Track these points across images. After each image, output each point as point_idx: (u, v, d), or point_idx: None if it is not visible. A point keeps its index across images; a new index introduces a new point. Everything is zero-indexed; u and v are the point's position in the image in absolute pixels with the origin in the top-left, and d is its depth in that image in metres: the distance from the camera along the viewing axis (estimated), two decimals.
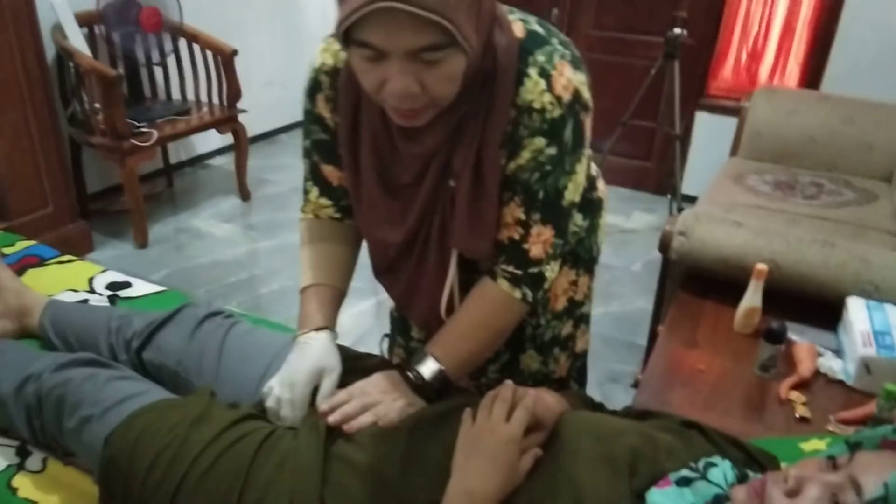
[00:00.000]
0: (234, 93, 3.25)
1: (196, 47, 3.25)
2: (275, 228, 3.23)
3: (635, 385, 1.46)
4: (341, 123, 1.00)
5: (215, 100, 3.33)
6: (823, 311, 1.57)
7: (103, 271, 1.63)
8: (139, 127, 2.88)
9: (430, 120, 0.88)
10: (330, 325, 1.05)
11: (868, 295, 1.52)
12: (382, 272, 1.13)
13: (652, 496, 0.75)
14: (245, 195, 3.49)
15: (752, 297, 1.51)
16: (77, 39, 2.82)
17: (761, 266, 1.49)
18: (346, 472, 0.88)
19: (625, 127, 3.29)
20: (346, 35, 0.78)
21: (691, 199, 3.21)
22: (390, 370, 1.02)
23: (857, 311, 1.45)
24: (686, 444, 0.86)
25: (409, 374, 0.99)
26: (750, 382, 1.40)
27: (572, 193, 0.96)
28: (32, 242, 1.74)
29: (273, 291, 2.73)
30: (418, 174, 0.97)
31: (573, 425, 0.89)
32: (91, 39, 2.98)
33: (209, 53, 3.23)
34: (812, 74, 3.24)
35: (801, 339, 1.49)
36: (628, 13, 3.56)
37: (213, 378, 1.11)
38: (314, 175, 1.10)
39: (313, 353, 1.00)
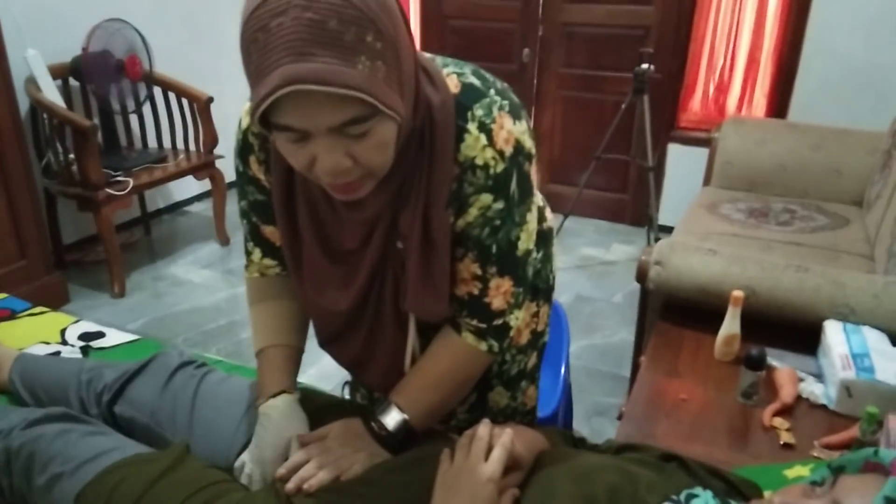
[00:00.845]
0: (211, 139, 3.26)
1: (171, 95, 3.27)
2: None
3: (620, 417, 1.45)
4: (274, 189, 0.96)
5: (192, 146, 3.33)
6: (802, 335, 1.58)
7: (76, 322, 1.60)
8: (115, 176, 2.87)
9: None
10: (287, 388, 1.03)
11: (844, 318, 1.53)
12: (329, 341, 1.09)
13: None
14: (224, 240, 3.47)
15: (731, 324, 1.52)
16: (51, 91, 2.83)
17: (737, 293, 1.50)
18: None
19: (599, 161, 3.34)
20: (264, 119, 0.74)
21: (668, 230, 3.24)
22: (352, 418, 1.00)
23: (834, 334, 1.46)
24: (666, 478, 0.85)
25: (373, 424, 0.97)
26: (733, 410, 1.39)
27: (525, 242, 0.95)
28: (3, 295, 1.71)
29: None
30: (364, 239, 0.94)
31: (550, 465, 0.87)
32: (65, 91, 2.98)
33: (185, 101, 3.25)
34: (778, 104, 3.32)
35: (782, 364, 1.49)
36: (597, 51, 3.64)
37: (186, 431, 1.08)
38: (255, 236, 1.07)
39: (276, 425, 0.98)
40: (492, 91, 0.87)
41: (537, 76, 3.82)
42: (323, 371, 2.40)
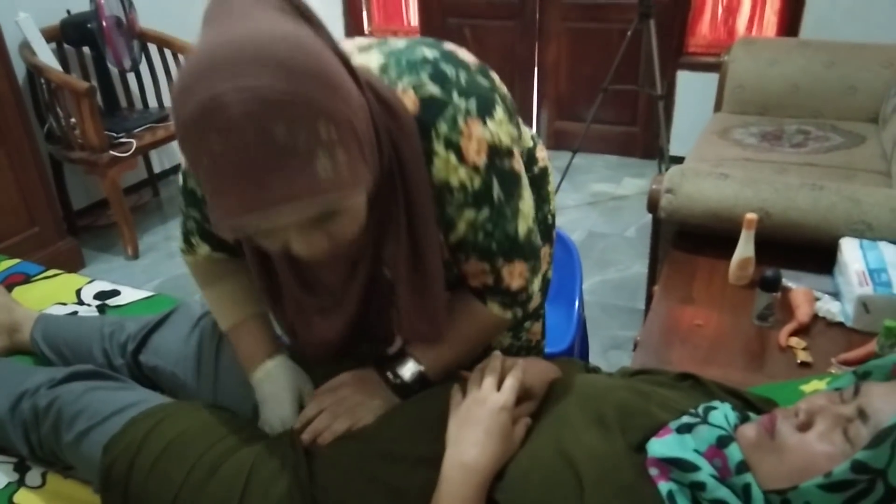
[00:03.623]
0: None
1: (167, 53, 3.22)
2: None
3: (636, 347, 1.45)
4: None
5: None
6: (818, 255, 1.56)
7: (90, 282, 1.61)
8: (117, 138, 2.85)
9: None
10: (269, 353, 1.00)
11: (861, 234, 1.51)
12: (325, 363, 1.04)
13: (652, 447, 0.74)
14: None
15: (745, 248, 1.50)
16: (46, 55, 2.79)
17: (751, 215, 1.47)
18: (330, 470, 0.87)
19: (606, 93, 3.26)
20: None
21: (680, 160, 3.19)
22: (365, 369, 0.99)
23: (851, 251, 1.44)
24: (681, 395, 0.84)
25: (388, 373, 0.96)
26: (749, 333, 1.39)
27: (525, 226, 0.91)
28: (17, 261, 1.72)
29: None
30: (346, 275, 0.91)
31: (560, 391, 0.87)
32: (59, 53, 2.94)
33: (181, 57, 3.20)
34: (790, 22, 3.21)
35: (797, 285, 1.48)
36: None
37: (211, 379, 1.09)
38: (203, 234, 0.99)
39: (283, 381, 0.97)
40: (454, 94, 0.79)
41: (539, 9, 3.70)
42: None
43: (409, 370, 0.96)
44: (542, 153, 1.13)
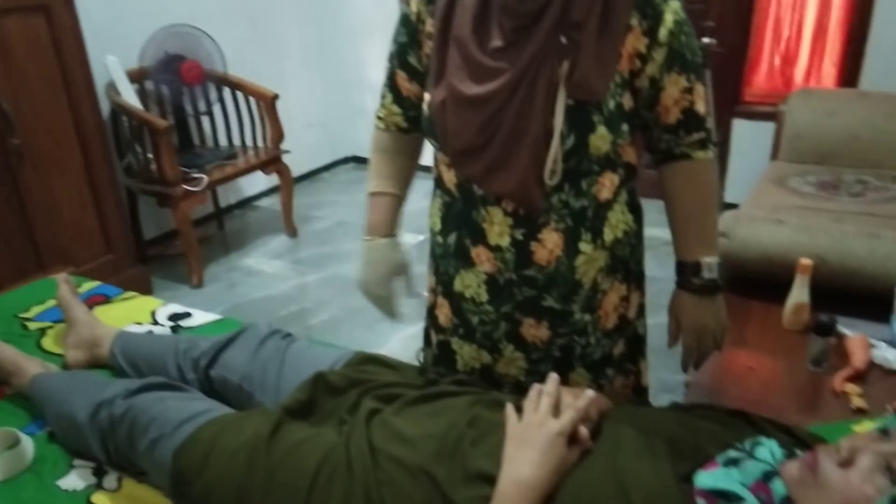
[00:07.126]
0: (278, 135, 3.38)
1: (240, 94, 3.41)
2: (322, 261, 3.31)
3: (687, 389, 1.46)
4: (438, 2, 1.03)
5: (260, 143, 3.46)
6: (874, 303, 1.55)
7: (164, 304, 1.72)
8: (190, 173, 3.02)
9: None
10: (394, 232, 1.22)
11: None
12: (465, 151, 1.03)
13: (699, 479, 0.77)
14: (292, 232, 3.60)
15: (799, 293, 1.50)
16: (129, 95, 3.00)
17: (805, 261, 1.48)
18: (396, 470, 0.91)
19: None
20: None
21: (734, 208, 3.18)
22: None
23: None
24: (730, 430, 0.86)
25: (694, 280, 1.15)
26: (803, 378, 1.38)
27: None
28: (98, 283, 1.84)
29: (323, 321, 2.80)
30: (520, 32, 0.96)
31: (615, 420, 0.90)
32: (142, 94, 3.15)
33: (252, 99, 3.38)
34: (849, 74, 3.20)
35: (853, 331, 1.47)
36: None
37: (274, 392, 1.16)
38: (390, 82, 1.18)
39: (387, 255, 1.18)
40: None
41: None
42: (390, 352, 2.47)
43: (709, 268, 1.14)
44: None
